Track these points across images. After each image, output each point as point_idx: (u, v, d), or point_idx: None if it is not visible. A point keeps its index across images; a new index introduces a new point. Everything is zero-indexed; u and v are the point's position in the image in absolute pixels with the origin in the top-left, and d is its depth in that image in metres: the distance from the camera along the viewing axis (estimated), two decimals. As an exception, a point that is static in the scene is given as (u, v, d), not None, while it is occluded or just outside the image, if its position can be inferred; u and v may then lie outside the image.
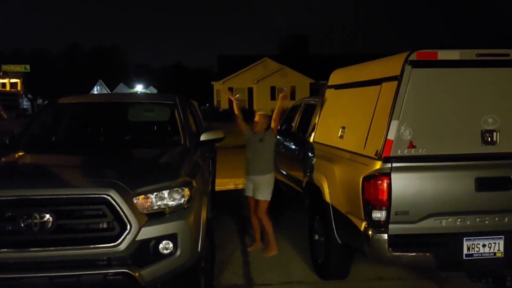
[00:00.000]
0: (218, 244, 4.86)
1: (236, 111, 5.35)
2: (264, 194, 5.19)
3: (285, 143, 6.52)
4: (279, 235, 6.03)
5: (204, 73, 62.20)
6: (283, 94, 5.61)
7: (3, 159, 4.05)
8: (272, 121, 5.22)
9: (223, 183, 8.92)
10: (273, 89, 38.45)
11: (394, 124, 3.31)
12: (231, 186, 9.39)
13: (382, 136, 3.36)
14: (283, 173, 6.62)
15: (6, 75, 11.02)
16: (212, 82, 41.11)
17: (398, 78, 3.34)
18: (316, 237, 4.70)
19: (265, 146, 5.17)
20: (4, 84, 9.48)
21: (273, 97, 38.26)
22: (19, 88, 9.71)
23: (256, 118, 5.24)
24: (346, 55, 41.16)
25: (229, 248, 5.44)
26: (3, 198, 3.05)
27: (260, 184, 5.19)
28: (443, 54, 3.34)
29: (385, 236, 3.35)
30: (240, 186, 9.55)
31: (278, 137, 7.11)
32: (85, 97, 6.45)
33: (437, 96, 3.38)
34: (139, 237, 3.10)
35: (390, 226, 3.35)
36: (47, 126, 5.04)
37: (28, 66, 19.58)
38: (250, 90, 38.87)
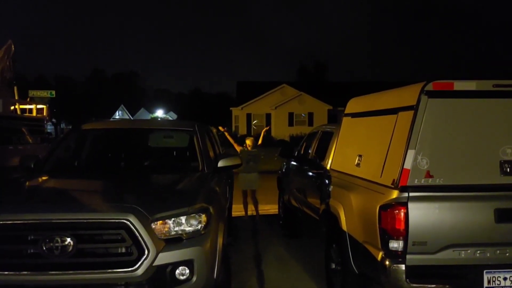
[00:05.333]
0: (233, 271, 4.85)
1: (229, 138, 9.29)
2: (256, 185, 8.55)
3: (302, 169, 6.54)
4: (295, 263, 5.99)
5: (223, 99, 62.94)
6: (266, 129, 10.36)
7: (27, 183, 4.18)
8: (259, 141, 8.96)
9: (240, 209, 8.92)
10: (291, 115, 38.62)
11: (410, 153, 3.30)
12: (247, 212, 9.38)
13: (398, 165, 3.36)
14: (299, 200, 6.61)
15: (32, 100, 11.44)
16: (230, 108, 41.55)
17: (414, 108, 3.36)
18: (333, 265, 4.64)
19: (257, 157, 8.61)
20: (30, 110, 9.84)
21: (291, 123, 38.41)
22: (45, 114, 10.04)
23: (248, 142, 8.55)
24: (363, 82, 41.31)
25: (244, 275, 5.41)
26: (26, 221, 3.15)
27: (255, 179, 8.48)
28: (459, 85, 3.36)
29: (403, 266, 3.30)
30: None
31: (294, 163, 7.19)
32: (107, 123, 6.64)
33: (454, 126, 3.38)
34: (156, 262, 3.14)
35: (408, 256, 3.31)
36: (70, 151, 5.20)
37: (53, 92, 20.25)
38: (268, 116, 39.13)
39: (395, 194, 3.34)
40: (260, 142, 9.02)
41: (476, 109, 3.41)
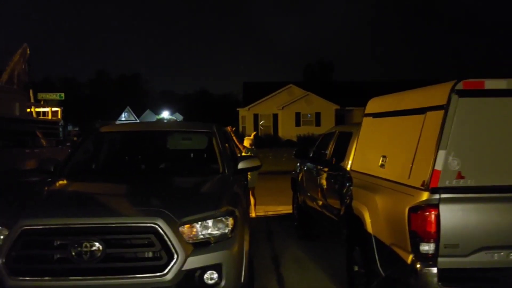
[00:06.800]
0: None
1: (234, 139, 8.80)
2: (255, 183, 8.72)
3: (319, 170, 6.48)
4: (314, 264, 5.93)
5: (229, 100, 62.97)
6: (254, 133, 10.68)
7: (51, 187, 4.15)
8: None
9: (252, 211, 8.90)
10: (298, 115, 38.56)
11: (441, 154, 3.24)
12: (260, 213, 9.35)
13: (428, 166, 3.29)
14: (316, 201, 6.56)
15: (46, 103, 11.52)
16: (237, 109, 41.55)
17: (444, 108, 3.29)
18: (356, 268, 4.58)
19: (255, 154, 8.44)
20: (45, 113, 9.91)
21: (297, 123, 38.35)
22: (59, 117, 10.12)
23: (249, 141, 9.03)
24: (370, 82, 41.20)
25: (264, 278, 5.36)
26: (54, 226, 3.12)
27: (256, 177, 8.52)
28: (490, 83, 3.29)
29: (435, 270, 3.23)
30: (270, 213, 9.52)
31: (310, 164, 7.14)
32: (125, 126, 6.62)
33: (485, 125, 3.32)
34: (185, 267, 3.10)
35: (439, 259, 3.24)
36: (90, 154, 5.17)
37: (62, 94, 20.30)
38: (275, 116, 39.10)
39: (425, 195, 3.28)
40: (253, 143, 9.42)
41: (507, 108, 3.34)
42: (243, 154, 8.47)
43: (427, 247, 3.26)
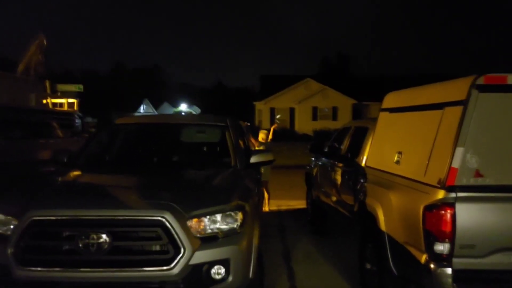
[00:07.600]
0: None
1: (251, 138, 8.89)
2: (268, 177, 8.55)
3: (333, 166, 6.38)
4: (325, 260, 5.85)
5: (245, 93, 62.87)
6: (274, 126, 10.22)
7: (62, 178, 4.16)
8: (269, 136, 9.20)
9: (265, 205, 8.86)
10: (315, 110, 38.28)
11: (459, 151, 3.12)
12: (273, 207, 9.30)
13: (445, 164, 3.18)
14: (328, 196, 6.47)
15: (64, 95, 11.63)
16: (254, 102, 41.44)
17: (463, 103, 3.17)
18: (368, 265, 4.50)
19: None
20: (61, 104, 10.04)
21: (314, 118, 38.10)
22: (75, 108, 10.24)
23: (262, 135, 8.94)
24: (388, 76, 40.54)
25: (274, 273, 5.31)
26: (62, 217, 3.11)
27: (268, 171, 8.29)
28: (513, 79, 3.15)
29: (449, 270, 3.13)
30: (283, 208, 9.46)
31: (325, 159, 7.04)
32: (140, 118, 6.62)
33: (506, 122, 3.18)
34: (192, 261, 3.06)
35: (454, 260, 3.14)
36: (104, 146, 5.17)
37: (81, 86, 20.42)
38: (292, 111, 38.90)
39: (441, 194, 3.17)
40: (270, 138, 9.27)
41: (530, 105, 3.19)
42: (256, 148, 8.42)
43: (441, 247, 3.17)
